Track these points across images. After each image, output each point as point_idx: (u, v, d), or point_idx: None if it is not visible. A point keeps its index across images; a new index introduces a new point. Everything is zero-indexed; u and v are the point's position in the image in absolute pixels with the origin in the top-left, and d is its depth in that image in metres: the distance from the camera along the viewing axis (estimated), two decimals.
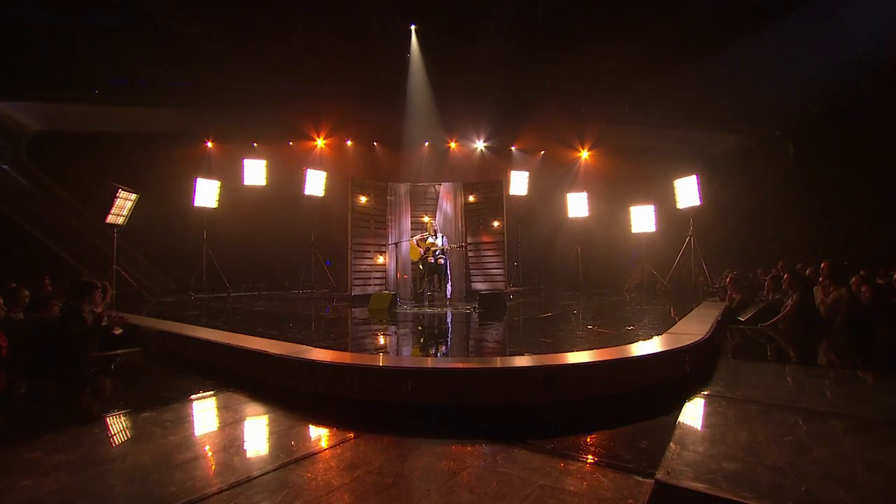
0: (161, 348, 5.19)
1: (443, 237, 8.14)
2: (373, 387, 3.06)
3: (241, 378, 3.64)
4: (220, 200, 9.74)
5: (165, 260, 10.07)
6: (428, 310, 7.29)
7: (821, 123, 8.95)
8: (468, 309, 7.20)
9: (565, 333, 4.94)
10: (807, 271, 6.38)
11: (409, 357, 4.10)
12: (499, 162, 12.30)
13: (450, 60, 10.82)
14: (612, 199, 10.85)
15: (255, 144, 11.50)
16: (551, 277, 11.60)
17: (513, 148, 12.62)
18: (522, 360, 3.44)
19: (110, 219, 7.75)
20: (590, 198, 10.89)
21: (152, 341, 5.38)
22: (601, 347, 3.85)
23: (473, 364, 3.31)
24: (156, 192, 9.53)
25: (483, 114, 11.79)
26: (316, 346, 3.92)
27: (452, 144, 12.63)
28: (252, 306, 8.02)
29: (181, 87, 10.79)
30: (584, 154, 12.40)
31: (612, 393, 3.10)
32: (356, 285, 9.01)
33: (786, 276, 5.94)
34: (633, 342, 3.96)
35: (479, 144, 12.62)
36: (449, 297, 8.15)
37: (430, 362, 3.74)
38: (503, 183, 9.86)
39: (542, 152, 12.56)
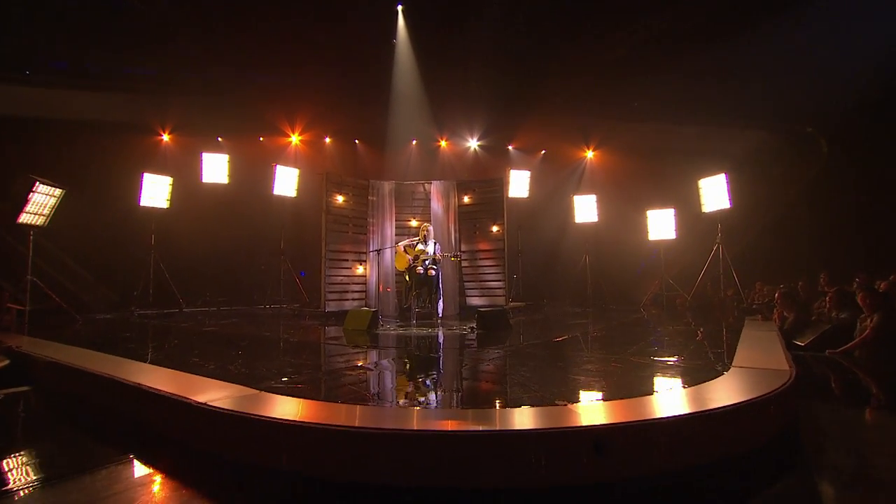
0: (57, 387, 3.96)
1: (436, 244, 6.94)
2: (330, 458, 2.06)
3: (152, 435, 2.67)
4: (172, 200, 8.35)
5: (107, 269, 8.60)
6: (415, 330, 6.14)
7: (858, 119, 7.98)
8: (465, 329, 6.08)
9: (596, 366, 3.76)
10: (880, 286, 5.27)
11: (390, 408, 2.84)
12: (495, 162, 11.09)
13: (441, 47, 9.64)
14: (625, 202, 9.69)
15: (219, 139, 10.13)
16: (555, 290, 10.36)
17: (510, 147, 11.44)
18: (556, 416, 2.31)
19: (25, 218, 6.33)
20: (599, 201, 9.75)
21: (46, 377, 4.15)
22: (654, 391, 2.93)
23: (480, 426, 2.15)
24: (95, 189, 8.22)
25: (477, 108, 10.57)
26: (260, 388, 2.81)
27: (443, 143, 11.43)
28: (202, 325, 6.76)
29: (137, 72, 9.47)
30: (590, 153, 11.28)
31: (684, 465, 2.06)
32: (331, 300, 7.69)
33: (860, 292, 4.79)
34: (698, 382, 2.87)
35: (473, 143, 11.43)
36: (441, 314, 6.91)
37: (415, 419, 2.54)
38: (503, 182, 8.70)
39: (543, 151, 11.40)
